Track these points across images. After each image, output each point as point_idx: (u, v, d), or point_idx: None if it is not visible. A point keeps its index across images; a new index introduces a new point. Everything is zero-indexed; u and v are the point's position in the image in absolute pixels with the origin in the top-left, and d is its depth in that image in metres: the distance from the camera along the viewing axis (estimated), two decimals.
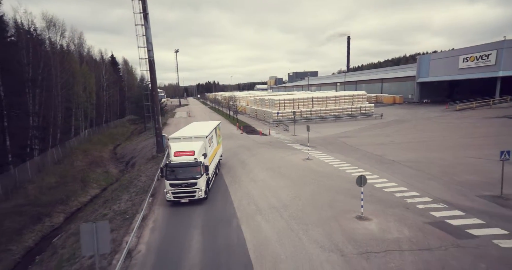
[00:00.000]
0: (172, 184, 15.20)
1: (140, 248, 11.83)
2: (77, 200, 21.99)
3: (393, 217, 13.01)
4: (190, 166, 15.36)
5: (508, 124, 34.10)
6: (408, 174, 18.94)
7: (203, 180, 15.55)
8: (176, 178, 15.18)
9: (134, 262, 10.86)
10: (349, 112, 47.05)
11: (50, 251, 13.93)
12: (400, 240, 11.11)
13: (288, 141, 32.38)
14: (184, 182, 15.18)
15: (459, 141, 27.72)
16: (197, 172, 15.33)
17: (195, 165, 15.39)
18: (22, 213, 17.86)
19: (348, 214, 13.57)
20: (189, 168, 15.33)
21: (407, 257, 10.02)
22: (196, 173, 15.32)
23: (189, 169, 15.32)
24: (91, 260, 11.42)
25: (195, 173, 15.31)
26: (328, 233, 11.99)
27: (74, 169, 28.30)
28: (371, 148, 26.60)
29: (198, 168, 15.36)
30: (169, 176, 15.29)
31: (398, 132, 34.72)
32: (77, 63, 44.58)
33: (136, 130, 58.49)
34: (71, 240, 14.26)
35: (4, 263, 13.90)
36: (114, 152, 40.49)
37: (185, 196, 15.35)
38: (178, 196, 15.35)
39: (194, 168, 15.34)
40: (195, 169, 15.34)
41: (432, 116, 43.95)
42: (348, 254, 10.44)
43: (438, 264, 9.51)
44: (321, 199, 15.43)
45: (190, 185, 15.22)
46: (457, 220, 12.36)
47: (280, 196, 16.28)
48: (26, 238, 16.08)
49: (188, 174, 15.26)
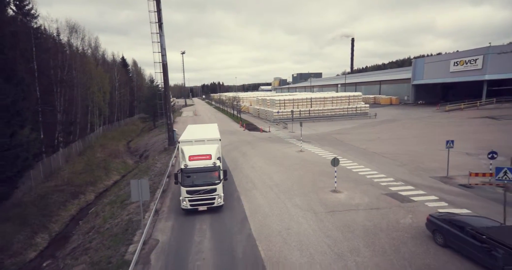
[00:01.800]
0: (189, 191, 14.04)
1: (163, 209, 15.82)
2: (102, 183, 26.13)
3: (359, 190, 16.82)
4: (208, 171, 14.27)
5: (487, 123, 37.55)
6: (382, 162, 22.70)
7: (221, 186, 14.49)
8: (193, 184, 14.04)
9: (160, 217, 14.83)
10: (345, 112, 50.72)
11: (93, 214, 18.02)
12: (359, 204, 14.93)
13: (285, 137, 36.24)
14: (203, 188, 14.05)
15: (437, 137, 31.28)
16: (215, 177, 14.32)
17: (213, 170, 14.32)
18: (62, 191, 21.99)
19: (325, 189, 17.39)
20: (207, 173, 14.25)
21: (360, 213, 13.84)
22: (214, 178, 14.29)
23: (207, 174, 14.25)
24: (127, 216, 15.43)
25: (214, 178, 14.28)
26: (307, 201, 15.82)
27: (96, 159, 32.48)
28: (358, 143, 30.33)
29: (216, 173, 14.36)
30: (185, 183, 14.08)
31: (386, 130, 38.34)
32: (94, 65, 49.00)
33: (145, 128, 62.80)
34: (107, 208, 18.31)
35: (59, 224, 18.00)
36: (128, 147, 44.73)
37: (203, 204, 14.27)
38: (196, 204, 14.23)
39: (212, 173, 14.30)
40: (214, 174, 14.32)
41: (422, 116, 47.43)
42: (319, 212, 14.28)
43: (380, 217, 13.32)
44: (306, 180, 19.26)
45: (208, 192, 14.17)
46: (406, 192, 16.15)
47: (273, 178, 20.14)
48: (70, 208, 20.21)
49: (207, 180, 14.17)
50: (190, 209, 14.28)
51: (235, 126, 47.92)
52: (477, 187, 16.32)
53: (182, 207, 14.34)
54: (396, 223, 12.76)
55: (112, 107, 59.34)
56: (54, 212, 18.99)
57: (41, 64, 28.63)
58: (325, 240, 11.70)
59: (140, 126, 66.35)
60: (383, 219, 13.13)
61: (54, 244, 16.24)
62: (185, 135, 18.15)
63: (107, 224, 15.15)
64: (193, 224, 13.71)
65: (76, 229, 17.69)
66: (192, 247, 11.65)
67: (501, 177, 10.52)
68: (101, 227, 15.05)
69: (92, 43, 53.71)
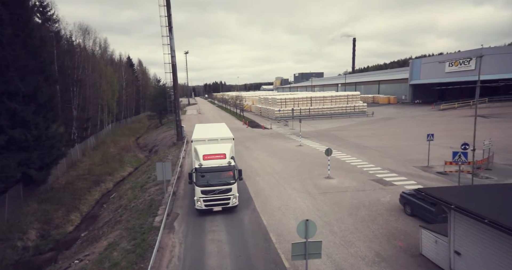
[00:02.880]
0: (204, 191, 13.93)
1: (179, 191, 18.49)
2: (119, 174, 28.86)
3: (349, 177, 19.44)
4: (223, 170, 14.24)
5: (478, 122, 39.94)
6: (373, 154, 25.31)
7: (236, 186, 14.42)
8: (208, 184, 13.96)
9: (177, 197, 17.49)
10: (344, 111, 53.28)
11: (116, 198, 20.74)
12: (348, 187, 17.56)
13: (286, 133, 38.88)
14: (218, 188, 13.95)
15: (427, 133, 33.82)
16: (230, 176, 14.24)
17: (228, 169, 14.29)
18: (85, 179, 24.72)
19: (319, 176, 20.01)
20: (222, 172, 14.22)
21: (348, 194, 16.48)
22: (229, 178, 14.21)
23: (222, 174, 14.22)
24: (149, 197, 18.12)
25: (229, 178, 14.21)
26: (303, 185, 18.45)
27: (110, 153, 35.23)
28: (353, 139, 32.93)
29: (231, 172, 14.30)
30: (199, 182, 13.99)
31: (381, 127, 40.92)
32: (104, 65, 51.78)
33: (151, 125, 65.57)
34: (129, 192, 21.03)
35: (87, 206, 20.76)
36: (137, 143, 47.49)
37: (218, 204, 14.17)
38: (211, 204, 14.12)
39: (227, 172, 14.27)
40: (228, 174, 14.27)
41: (417, 115, 49.94)
42: (313, 194, 16.91)
43: (364, 196, 15.95)
44: (303, 169, 21.89)
45: (224, 192, 14.05)
46: (390, 178, 18.76)
47: (274, 167, 22.78)
48: (93, 194, 22.95)
49: (222, 180, 14.10)
50: (204, 210, 14.06)
51: (238, 123, 50.58)
52: (451, 174, 18.90)
53: (197, 208, 14.11)
54: (377, 200, 15.38)
55: (119, 106, 62.13)
56: (81, 196, 21.73)
57: (61, 65, 31.36)
58: (317, 213, 14.34)
59: (146, 124, 69.16)
60: (366, 198, 15.75)
61: (86, 221, 18.96)
62: (197, 134, 18.16)
63: (132, 203, 17.84)
64: None
65: (102, 210, 20.41)
66: (206, 219, 14.26)
67: (456, 159, 13.12)
68: (127, 206, 17.74)
69: (101, 44, 56.49)
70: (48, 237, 16.17)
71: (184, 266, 10.49)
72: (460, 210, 7.83)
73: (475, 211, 7.41)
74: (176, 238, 12.55)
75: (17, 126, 17.42)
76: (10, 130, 16.71)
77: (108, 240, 13.02)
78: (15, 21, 17.49)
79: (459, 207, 7.88)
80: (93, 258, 11.69)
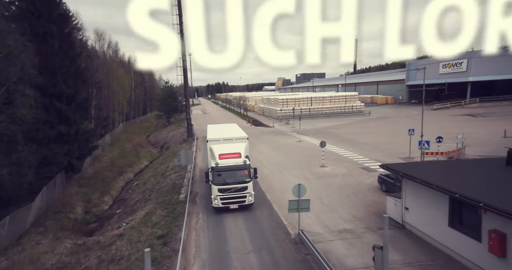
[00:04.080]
0: (221, 189, 14.51)
1: (196, 177, 22.10)
2: (137, 166, 32.57)
3: (341, 166, 22.97)
4: (239, 169, 14.80)
5: (465, 120, 43.42)
6: (365, 148, 28.81)
7: (251, 184, 15.00)
8: (225, 182, 14.55)
9: (195, 180, 21.09)
10: (342, 110, 56.73)
11: (139, 185, 24.40)
12: (338, 173, 21.09)
13: (287, 131, 42.45)
14: (234, 186, 14.52)
15: (417, 131, 37.25)
16: (246, 175, 14.82)
17: (243, 168, 14.87)
18: (110, 170, 28.41)
19: (316, 165, 23.55)
20: (237, 171, 14.80)
21: (338, 178, 20.02)
22: (245, 176, 14.80)
23: (238, 172, 14.80)
24: (171, 182, 21.73)
25: (245, 176, 14.79)
26: (302, 172, 21.99)
27: (126, 149, 38.97)
28: (349, 135, 36.42)
29: (246, 171, 14.88)
30: (216, 181, 14.55)
31: (377, 125, 44.36)
32: (117, 68, 55.64)
33: (159, 124, 69.32)
34: (151, 179, 24.69)
35: (115, 191, 24.47)
36: (148, 140, 51.23)
37: (234, 202, 14.73)
38: (227, 202, 14.67)
39: (242, 171, 14.85)
40: (244, 172, 14.85)
41: (411, 114, 53.27)
42: (309, 178, 20.45)
43: (351, 179, 19.49)
44: (302, 160, 25.43)
45: (240, 190, 14.61)
46: (375, 166, 22.25)
47: (277, 159, 26.34)
48: (119, 182, 26.65)
49: (238, 178, 14.69)
50: (221, 208, 14.59)
51: (242, 122, 54.13)
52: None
53: (214, 206, 14.62)
54: (361, 182, 18.91)
55: (129, 106, 65.96)
56: (109, 183, 25.41)
57: (85, 69, 35.10)
58: (311, 191, 17.83)
59: (153, 123, 72.94)
60: (352, 181, 19.29)
61: (117, 203, 22.62)
62: (212, 134, 18.93)
63: (157, 186, 21.48)
64: None
65: (128, 194, 24.08)
66: None
67: (421, 147, 16.61)
68: (153, 188, 21.39)
69: (113, 48, 60.34)
70: (90, 212, 19.83)
71: (208, 224, 14.09)
72: (406, 176, 11.37)
73: (413, 175, 10.95)
74: (199, 207, 16.17)
75: (61, 122, 21.12)
76: (57, 125, 20.40)
77: (145, 210, 16.65)
78: (61, 35, 21.21)
79: (406, 174, 11.42)
80: (137, 221, 15.32)
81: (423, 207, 11.10)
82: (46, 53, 18.83)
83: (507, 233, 7.90)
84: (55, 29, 20.60)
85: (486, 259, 8.47)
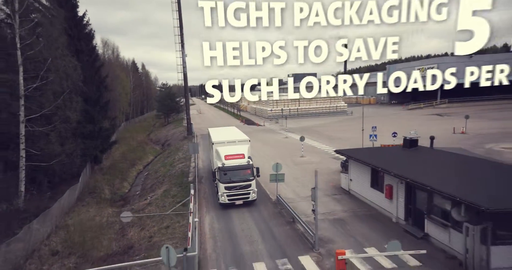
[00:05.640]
0: (227, 187, 16.14)
1: (200, 165, 27.51)
2: (145, 160, 37.79)
3: (316, 156, 28.67)
4: (243, 168, 16.62)
5: (431, 119, 49.76)
6: (339, 142, 34.62)
7: (254, 182, 16.79)
8: (230, 180, 16.22)
9: (199, 168, 26.49)
10: (327, 110, 62.66)
11: (152, 172, 29.72)
12: (313, 161, 26.79)
13: (276, 129, 48.09)
14: (239, 184, 16.17)
15: (387, 127, 43.33)
16: (249, 174, 16.65)
17: (247, 167, 16.70)
18: (123, 162, 33.56)
19: (296, 156, 29.18)
20: (242, 170, 16.58)
21: (313, 165, 25.69)
22: (249, 175, 16.61)
23: (242, 171, 16.56)
24: (179, 169, 27.05)
25: (248, 175, 16.59)
26: (284, 161, 27.46)
27: (132, 145, 44.06)
28: (329, 132, 42.27)
29: (249, 170, 16.74)
30: (223, 179, 16.28)
31: (357, 124, 50.26)
32: (120, 72, 60.47)
33: (157, 124, 74.23)
34: (161, 168, 30.00)
35: (130, 179, 29.71)
36: (149, 138, 56.25)
37: (239, 198, 16.41)
38: (233, 199, 16.35)
39: (246, 170, 16.64)
40: (247, 171, 16.66)
41: (389, 114, 59.53)
42: (290, 165, 26.07)
43: (322, 165, 25.20)
44: (286, 152, 31.05)
45: (244, 187, 16.28)
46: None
47: (265, 152, 31.90)
48: (132, 172, 31.87)
49: (242, 177, 16.43)
50: (228, 204, 16.38)
51: (236, 122, 59.59)
52: None
53: (221, 202, 16.46)
54: (329, 167, 24.62)
55: (129, 106, 70.73)
56: (124, 173, 30.62)
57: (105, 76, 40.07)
58: (291, 174, 23.45)
59: (151, 123, 77.80)
60: (323, 166, 24.97)
61: (134, 187, 27.85)
62: (216, 137, 20.49)
63: (168, 173, 26.82)
64: None
65: (142, 181, 29.31)
66: None
67: (372, 139, 22.38)
68: (165, 175, 26.73)
69: (115, 53, 65.12)
70: (115, 193, 25.06)
71: (211, 194, 19.58)
72: (350, 157, 17.06)
73: (354, 156, 16.64)
74: (205, 185, 21.63)
75: (89, 122, 26.26)
76: (87, 125, 25.56)
77: (163, 189, 22.03)
78: (88, 50, 26.36)
79: (350, 156, 17.10)
80: (159, 195, 20.69)
81: (359, 177, 16.79)
82: (81, 67, 23.99)
83: (393, 185, 13.58)
84: (84, 46, 25.74)
85: (384, 202, 14.19)
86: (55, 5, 20.35)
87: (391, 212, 13.97)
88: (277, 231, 14.29)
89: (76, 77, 19.92)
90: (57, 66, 18.76)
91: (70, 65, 19.02)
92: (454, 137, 34.34)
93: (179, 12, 41.19)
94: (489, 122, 41.83)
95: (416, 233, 12.31)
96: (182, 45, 42.49)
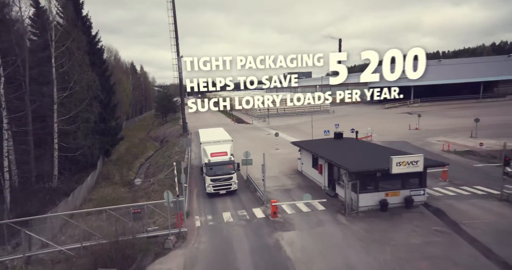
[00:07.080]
0: (213, 179, 19.93)
1: (192, 156, 33.83)
2: (146, 154, 44.11)
3: (288, 148, 34.86)
4: (226, 164, 20.28)
5: (400, 117, 56.32)
6: (309, 137, 40.98)
7: (235, 175, 20.50)
8: (215, 174, 19.95)
9: (191, 158, 32.79)
10: (311, 109, 68.95)
11: (154, 163, 36.07)
12: (285, 153, 33.19)
13: (262, 127, 54.45)
14: (223, 177, 19.94)
15: (360, 123, 49.74)
16: (231, 168, 20.34)
17: (229, 163, 20.41)
18: (128, 155, 39.85)
19: (272, 148, 35.54)
20: (225, 165, 20.15)
21: (283, 155, 32.15)
22: (230, 169, 20.27)
23: (225, 166, 20.12)
24: (176, 160, 33.36)
25: (230, 169, 20.26)
26: (261, 152, 33.93)
27: (134, 142, 50.33)
28: (306, 129, 48.53)
29: (231, 166, 20.45)
30: (209, 173, 19.98)
31: (335, 121, 56.70)
32: (121, 74, 66.53)
33: (155, 123, 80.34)
34: (161, 160, 36.30)
35: (135, 169, 36.00)
36: (149, 136, 62.47)
37: (223, 188, 20.14)
38: (217, 189, 20.07)
39: (228, 165, 20.33)
40: (230, 166, 20.34)
41: (367, 112, 66.00)
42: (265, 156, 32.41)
43: (291, 155, 31.56)
44: (265, 146, 37.31)
45: (227, 179, 20.03)
46: None
47: (249, 146, 37.85)
48: (136, 163, 38.17)
49: (225, 171, 19.96)
50: (213, 193, 20.12)
51: (228, 120, 65.95)
52: None
53: (208, 192, 20.26)
54: (295, 157, 30.91)
55: (129, 106, 76.79)
56: (130, 164, 36.91)
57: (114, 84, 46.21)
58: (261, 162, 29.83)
59: (150, 122, 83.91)
60: (290, 156, 31.27)
61: (138, 175, 34.09)
62: (204, 137, 24.53)
63: (167, 163, 33.11)
64: None
65: (145, 170, 35.55)
66: None
67: (326, 134, 28.76)
68: (164, 164, 33.04)
69: (116, 56, 71.14)
70: (124, 179, 31.34)
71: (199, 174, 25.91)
72: (300, 146, 23.45)
73: (302, 146, 23.01)
74: (195, 170, 27.97)
75: (101, 121, 32.48)
76: (101, 123, 31.78)
77: (163, 173, 28.37)
78: (100, 63, 32.54)
79: (300, 146, 23.49)
80: (160, 178, 26.99)
81: (306, 161, 23.16)
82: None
83: (322, 164, 19.95)
84: (97, 59, 31.93)
85: (318, 176, 20.67)
86: (80, 32, 26.38)
87: (321, 183, 20.39)
88: (243, 196, 20.67)
89: (96, 87, 26.10)
90: (81, 79, 25.00)
91: (91, 78, 25.19)
92: (408, 132, 40.83)
93: (173, 11, 47.04)
94: (444, 120, 48.44)
95: (331, 193, 18.74)
96: (178, 53, 48.62)
